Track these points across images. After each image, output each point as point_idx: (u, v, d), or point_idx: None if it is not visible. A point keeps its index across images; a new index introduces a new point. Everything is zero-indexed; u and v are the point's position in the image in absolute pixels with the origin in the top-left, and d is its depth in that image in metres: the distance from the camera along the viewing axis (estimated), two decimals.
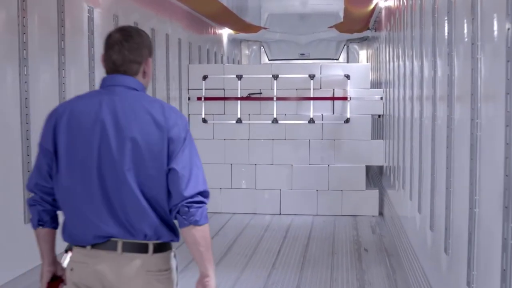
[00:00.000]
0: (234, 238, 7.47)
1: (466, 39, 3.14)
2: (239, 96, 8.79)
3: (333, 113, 8.73)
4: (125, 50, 2.36)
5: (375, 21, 10.60)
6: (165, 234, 2.36)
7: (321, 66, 8.83)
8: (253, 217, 8.71)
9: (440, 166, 3.83)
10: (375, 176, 10.62)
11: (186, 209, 2.31)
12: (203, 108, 8.89)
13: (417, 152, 4.90)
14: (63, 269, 2.46)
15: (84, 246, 2.36)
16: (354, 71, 8.75)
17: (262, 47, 14.51)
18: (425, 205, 4.52)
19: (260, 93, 8.77)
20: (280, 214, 8.71)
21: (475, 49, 2.86)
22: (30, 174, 2.45)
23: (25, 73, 4.22)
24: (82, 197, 2.33)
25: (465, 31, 3.15)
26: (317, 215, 8.76)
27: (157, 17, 7.55)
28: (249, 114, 8.81)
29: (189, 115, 8.97)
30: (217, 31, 11.64)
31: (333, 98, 8.72)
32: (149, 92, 2.52)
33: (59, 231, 2.45)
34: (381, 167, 9.15)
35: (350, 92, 8.66)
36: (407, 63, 5.81)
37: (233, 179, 8.90)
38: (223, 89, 8.88)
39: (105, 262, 2.34)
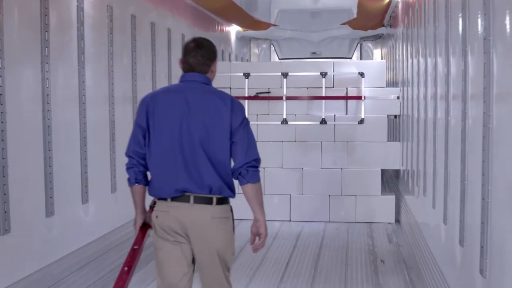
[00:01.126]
0: (239, 248, 6.94)
1: (508, 33, 2.64)
2: (246, 95, 8.29)
3: (347, 114, 8.20)
4: (199, 55, 3.24)
5: (390, 17, 10.06)
6: (225, 191, 3.18)
7: (333, 63, 8.30)
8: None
9: (473, 171, 3.30)
10: (391, 179, 10.07)
11: (245, 171, 3.18)
12: None
13: (442, 156, 4.37)
14: (150, 218, 3.30)
15: (165, 199, 3.19)
16: (368, 68, 8.21)
17: (272, 46, 13.97)
18: (452, 215, 3.98)
19: (269, 92, 8.26)
20: (290, 220, 8.18)
21: None
22: (128, 144, 3.25)
23: (0, 66, 3.74)
24: (167, 161, 3.17)
25: (508, 26, 2.65)
26: (329, 222, 8.23)
27: (157, 11, 7.06)
28: (257, 115, 8.30)
29: None
30: (224, 28, 11.14)
31: (346, 98, 8.19)
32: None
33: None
34: (397, 171, 8.60)
35: (365, 91, 8.12)
36: (428, 59, 5.27)
37: (236, 182, 8.37)
38: (230, 88, 8.38)
39: (181, 210, 3.16)
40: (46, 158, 4.35)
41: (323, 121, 8.11)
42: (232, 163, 3.21)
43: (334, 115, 8.17)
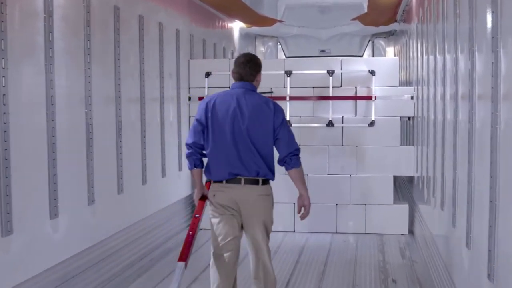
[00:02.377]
0: (241, 258, 6.33)
1: None
2: None
3: (356, 115, 7.53)
4: (247, 67, 4.13)
5: (403, 11, 9.36)
6: (268, 174, 4.07)
7: (341, 60, 7.62)
8: None
9: (506, 183, 2.64)
10: (403, 186, 9.38)
11: (289, 159, 4.11)
12: None
13: (465, 163, 3.70)
14: (206, 192, 4.15)
15: (221, 181, 4.04)
16: (380, 66, 7.53)
17: (278, 43, 13.28)
18: (479, 239, 3.32)
19: (271, 92, 7.61)
20: (294, 231, 7.52)
21: None
22: (188, 136, 4.12)
23: None
24: (223, 151, 4.01)
25: None
26: (336, 233, 7.56)
27: (146, 3, 6.43)
28: None
29: (189, 117, 7.85)
30: (226, 25, 10.50)
31: (355, 98, 7.52)
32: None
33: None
34: (411, 177, 7.90)
35: (376, 90, 7.45)
36: (448, 56, 4.60)
37: None
38: (229, 87, 7.69)
39: (234, 190, 4.02)
40: (1, 168, 3.75)
41: (330, 124, 7.45)
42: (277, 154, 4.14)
43: (342, 116, 7.51)
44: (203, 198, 4.20)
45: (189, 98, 7.79)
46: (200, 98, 7.75)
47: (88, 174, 4.99)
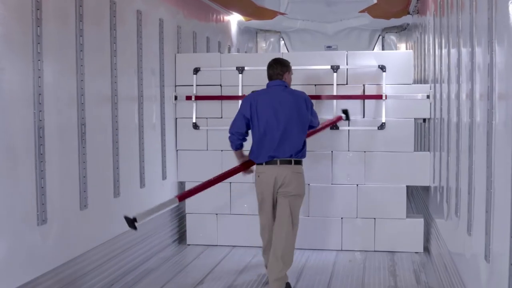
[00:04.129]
0: (227, 285, 5.48)
1: None
2: (240, 94, 6.77)
3: (363, 117, 6.62)
4: (274, 68, 5.22)
5: (417, 1, 8.42)
6: (299, 156, 5.12)
7: (347, 54, 6.71)
8: (258, 252, 6.65)
9: None
10: (417, 195, 8.45)
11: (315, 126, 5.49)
12: (194, 110, 6.89)
13: (502, 173, 2.81)
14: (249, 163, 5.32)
15: (262, 163, 5.11)
16: (391, 60, 6.62)
17: (281, 39, 12.35)
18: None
19: None
20: (294, 248, 6.58)
21: None
22: (232, 124, 5.22)
23: None
24: (264, 138, 5.07)
25: None
26: (341, 250, 6.66)
27: None
28: None
29: (176, 119, 6.97)
30: (222, 17, 9.60)
31: (363, 97, 6.62)
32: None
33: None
34: (426, 187, 6.97)
35: (386, 88, 6.54)
36: (477, 50, 3.70)
37: (233, 202, 6.88)
38: (220, 85, 6.87)
39: (273, 169, 5.07)
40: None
41: (335, 126, 6.54)
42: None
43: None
44: (246, 165, 5.30)
45: (175, 97, 6.91)
46: (188, 97, 6.89)
47: (38, 188, 4.13)
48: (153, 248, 6.35)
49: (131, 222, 3.88)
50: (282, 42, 12.33)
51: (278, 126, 5.04)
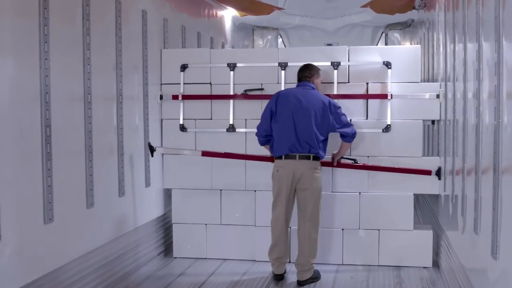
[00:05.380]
0: None
1: None
2: (231, 93, 6.19)
3: (367, 118, 6.03)
4: (303, 72, 5.58)
5: None
6: (317, 152, 5.32)
7: (348, 50, 6.12)
8: (251, 266, 6.09)
9: None
10: (424, 204, 7.86)
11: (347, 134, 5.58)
12: (181, 111, 6.30)
13: None
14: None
15: (281, 157, 5.36)
16: (397, 56, 6.02)
17: (279, 36, 11.74)
18: None
19: (262, 89, 6.15)
20: (289, 262, 5.99)
21: None
22: (260, 124, 5.54)
23: None
24: (285, 133, 5.32)
25: None
26: (342, 264, 6.07)
27: None
28: (245, 120, 6.20)
29: (161, 120, 6.39)
30: (215, 12, 9.00)
31: (366, 96, 6.03)
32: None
33: None
34: (436, 196, 6.38)
35: (392, 87, 5.96)
36: (505, 43, 3.12)
37: (224, 211, 6.29)
38: (210, 83, 6.28)
39: (291, 164, 5.31)
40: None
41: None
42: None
43: (350, 119, 6.02)
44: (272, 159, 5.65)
45: (161, 97, 6.32)
46: (174, 97, 6.30)
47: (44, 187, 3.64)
48: (136, 262, 5.77)
49: (151, 150, 5.89)
50: (280, 40, 11.72)
51: (297, 122, 5.29)
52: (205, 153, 6.05)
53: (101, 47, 5.01)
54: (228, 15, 9.59)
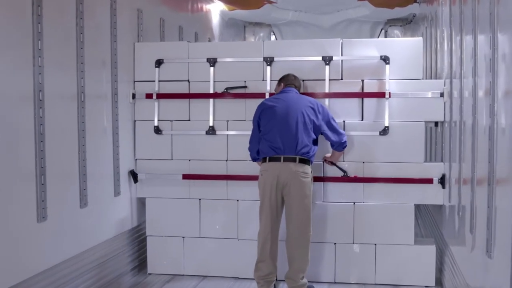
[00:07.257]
0: None
1: None
2: (211, 91, 5.58)
3: (362, 119, 5.42)
4: (294, 81, 5.24)
5: None
6: (304, 153, 4.88)
7: (342, 42, 5.50)
8: (234, 284, 5.48)
9: None
10: (425, 215, 7.24)
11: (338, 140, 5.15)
12: (155, 111, 5.69)
13: None
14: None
15: (265, 160, 4.95)
16: (396, 50, 5.40)
17: (272, 34, 11.10)
18: None
19: (245, 87, 5.55)
20: (277, 280, 5.36)
21: None
22: (250, 140, 5.13)
23: None
24: (269, 134, 4.95)
25: None
26: (334, 283, 5.47)
27: None
28: (227, 121, 5.59)
29: (134, 121, 5.77)
30: (200, 5, 8.38)
31: (362, 95, 5.41)
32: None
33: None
34: (439, 207, 5.74)
35: (390, 84, 5.33)
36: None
37: (203, 223, 5.68)
38: (188, 80, 5.67)
39: (276, 168, 4.88)
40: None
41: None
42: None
43: (344, 121, 5.41)
44: None
45: (133, 96, 5.70)
46: (148, 96, 5.68)
47: None
48: (106, 277, 5.17)
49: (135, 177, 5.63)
50: (272, 37, 11.09)
51: (282, 122, 4.96)
52: (186, 177, 5.50)
53: (57, 39, 4.38)
54: (216, 9, 8.96)
